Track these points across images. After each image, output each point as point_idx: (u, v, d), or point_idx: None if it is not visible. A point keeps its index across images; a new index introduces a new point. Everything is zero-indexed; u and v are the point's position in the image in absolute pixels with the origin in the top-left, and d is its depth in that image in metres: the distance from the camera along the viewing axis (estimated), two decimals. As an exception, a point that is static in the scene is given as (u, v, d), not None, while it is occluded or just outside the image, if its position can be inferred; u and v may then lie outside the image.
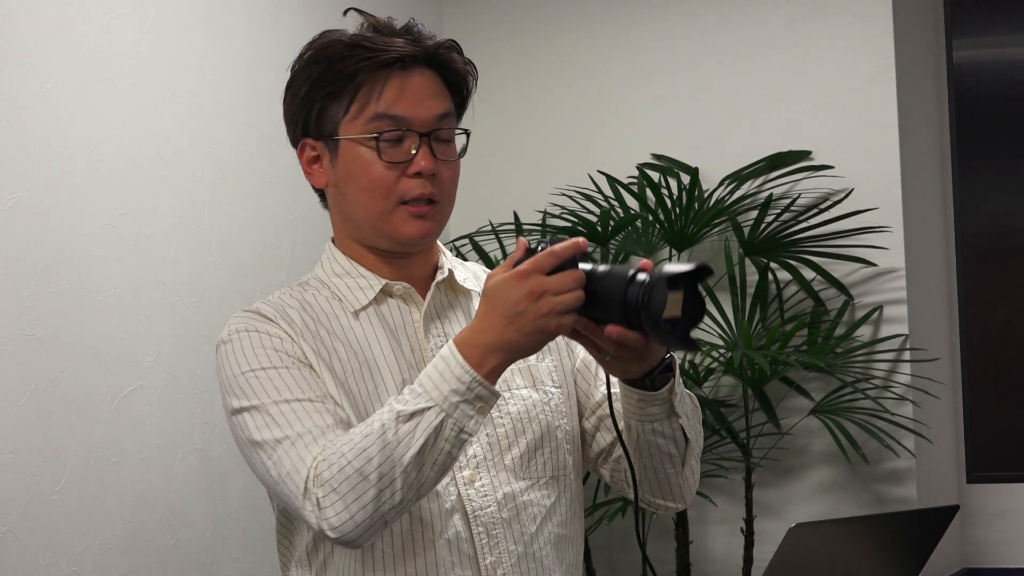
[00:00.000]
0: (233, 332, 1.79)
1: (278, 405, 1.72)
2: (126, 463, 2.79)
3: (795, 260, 3.63)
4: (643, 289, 1.59)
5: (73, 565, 2.64)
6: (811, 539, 2.38)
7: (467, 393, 1.62)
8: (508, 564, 1.78)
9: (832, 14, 3.72)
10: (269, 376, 1.74)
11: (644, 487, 1.83)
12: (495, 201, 3.98)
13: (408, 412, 1.62)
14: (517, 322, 1.60)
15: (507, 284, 1.61)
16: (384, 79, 1.79)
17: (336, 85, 1.79)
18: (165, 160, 2.94)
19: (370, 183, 1.79)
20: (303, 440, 1.69)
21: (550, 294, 1.60)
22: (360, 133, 1.79)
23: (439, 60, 1.84)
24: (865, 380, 3.57)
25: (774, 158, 3.71)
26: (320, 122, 1.82)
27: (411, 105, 1.80)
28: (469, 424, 1.63)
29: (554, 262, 1.61)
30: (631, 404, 1.76)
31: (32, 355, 2.58)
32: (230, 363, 1.77)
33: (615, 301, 1.61)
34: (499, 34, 4.04)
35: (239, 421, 1.75)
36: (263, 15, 3.27)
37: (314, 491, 1.65)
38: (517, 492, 1.80)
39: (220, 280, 3.08)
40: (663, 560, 3.70)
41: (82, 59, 2.74)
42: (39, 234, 2.62)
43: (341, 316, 1.82)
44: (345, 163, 1.81)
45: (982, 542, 3.89)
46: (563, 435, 1.85)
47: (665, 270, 1.60)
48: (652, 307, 1.58)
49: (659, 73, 3.88)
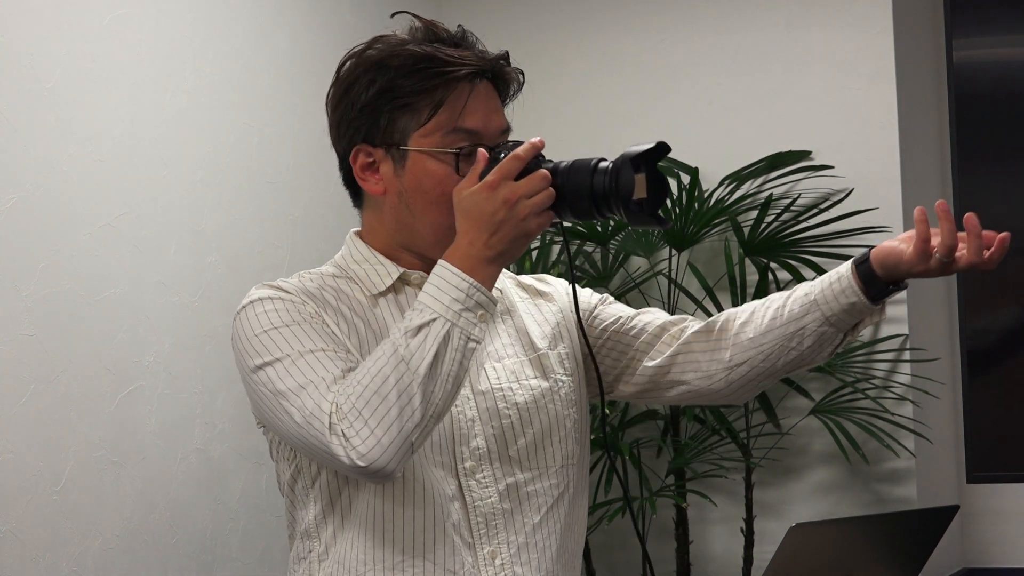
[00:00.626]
0: (254, 299, 1.80)
1: (300, 356, 1.72)
2: (126, 463, 2.79)
3: (795, 260, 3.63)
4: (609, 176, 1.65)
5: (73, 565, 2.64)
6: (811, 539, 2.37)
7: (467, 300, 1.65)
8: (507, 554, 1.79)
9: (832, 14, 3.72)
10: (289, 331, 1.75)
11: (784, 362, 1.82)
12: (495, 201, 3.98)
13: (415, 326, 1.64)
14: (500, 231, 1.65)
15: (480, 196, 1.66)
16: (464, 93, 1.80)
17: (412, 97, 1.79)
18: (165, 160, 2.95)
19: (443, 196, 1.78)
20: (324, 383, 1.69)
21: (524, 198, 1.65)
22: (436, 146, 1.79)
23: (497, 72, 1.86)
24: (865, 380, 3.58)
25: (774, 158, 3.71)
26: (388, 131, 1.81)
27: (483, 119, 1.82)
28: (474, 331, 1.66)
29: (519, 166, 1.67)
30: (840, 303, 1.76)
31: (32, 355, 2.58)
32: (249, 325, 1.78)
33: (583, 193, 1.67)
34: (497, 35, 4.04)
35: (259, 377, 1.75)
36: (263, 15, 3.27)
37: (338, 425, 1.65)
38: (521, 483, 1.81)
39: (220, 280, 3.08)
40: (663, 560, 3.70)
41: (82, 59, 2.74)
42: (39, 234, 2.62)
43: (361, 298, 1.83)
44: (414, 174, 1.80)
45: (982, 542, 3.89)
46: (572, 424, 1.86)
47: (627, 152, 1.65)
48: (621, 190, 1.64)
49: (659, 73, 3.88)
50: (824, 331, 1.79)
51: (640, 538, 1.77)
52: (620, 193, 1.64)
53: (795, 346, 1.81)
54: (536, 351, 1.86)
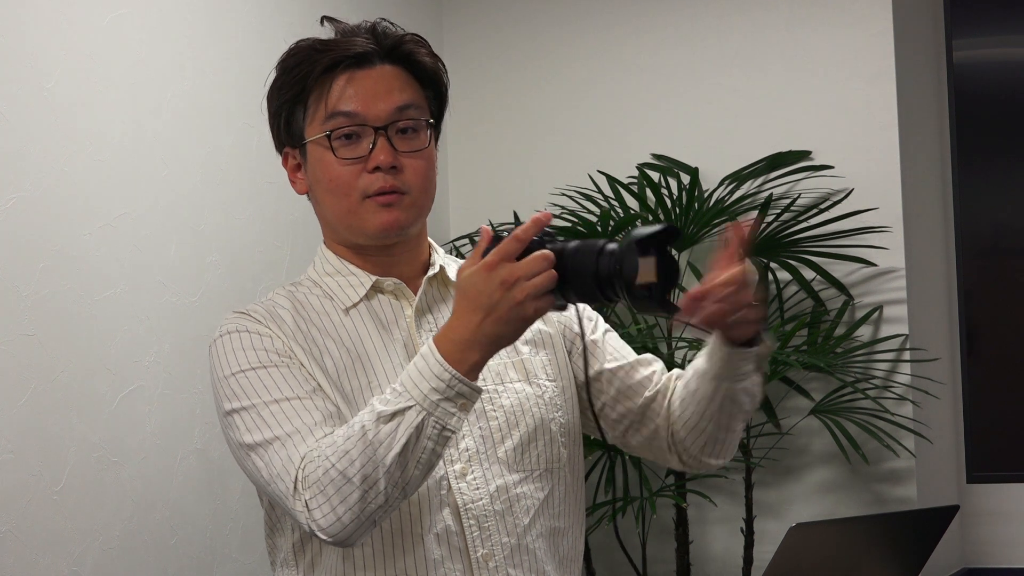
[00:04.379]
0: (224, 333, 1.80)
1: (268, 406, 1.72)
2: (126, 463, 2.79)
3: (795, 260, 3.63)
4: (614, 259, 1.58)
5: (73, 565, 2.64)
6: (811, 539, 2.37)
7: (447, 391, 1.61)
8: (500, 556, 1.78)
9: (832, 14, 3.72)
10: (259, 376, 1.75)
11: (707, 447, 1.85)
12: (495, 201, 3.98)
13: (389, 412, 1.62)
14: (494, 313, 1.60)
15: (478, 277, 1.60)
16: (332, 78, 1.81)
17: (294, 90, 1.82)
18: (165, 160, 2.95)
19: (331, 182, 1.81)
20: (292, 440, 1.69)
21: (523, 280, 1.59)
22: (317, 134, 1.81)
23: (402, 54, 1.83)
24: (865, 380, 3.57)
25: (774, 158, 3.71)
26: (290, 130, 1.85)
27: (364, 100, 1.80)
28: (451, 421, 1.62)
29: (519, 247, 1.60)
30: (727, 364, 1.77)
31: (32, 355, 2.58)
32: (220, 365, 1.78)
33: (587, 275, 1.60)
34: (499, 35, 4.04)
35: (230, 423, 1.76)
36: (264, 15, 3.27)
37: (302, 492, 1.65)
38: (510, 484, 1.80)
39: (220, 280, 3.08)
40: (663, 560, 3.70)
41: (82, 59, 2.74)
42: (39, 234, 2.62)
43: (332, 313, 1.83)
44: (312, 166, 1.84)
45: (982, 542, 3.89)
46: (557, 428, 1.86)
47: (633, 235, 1.59)
48: (625, 274, 1.57)
49: (659, 73, 3.88)
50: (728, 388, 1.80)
51: (619, 539, 1.77)
52: (624, 277, 1.57)
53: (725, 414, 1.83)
54: (519, 354, 1.86)
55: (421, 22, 3.96)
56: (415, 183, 1.82)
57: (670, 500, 3.56)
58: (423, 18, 3.98)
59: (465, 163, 4.06)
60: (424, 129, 1.83)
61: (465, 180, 4.07)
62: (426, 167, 1.83)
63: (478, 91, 4.04)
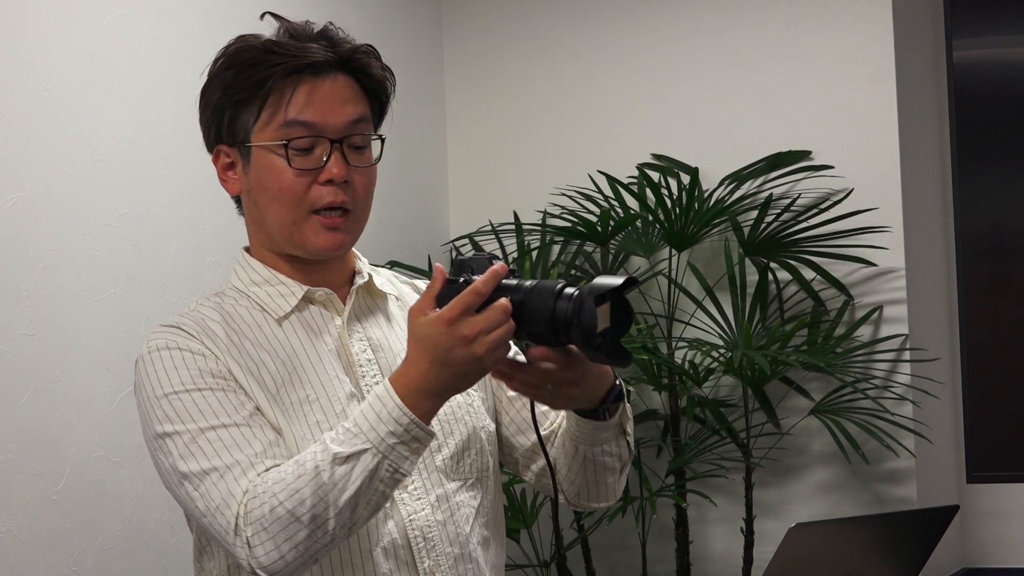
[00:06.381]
0: (153, 349, 1.75)
1: (204, 432, 1.68)
2: (126, 463, 2.79)
3: (795, 260, 3.63)
4: (572, 303, 1.56)
5: (73, 565, 2.64)
6: (811, 539, 2.37)
7: (404, 435, 1.60)
8: (446, 566, 1.77)
9: (832, 14, 3.72)
10: (193, 399, 1.70)
11: (581, 494, 1.87)
12: (495, 201, 3.98)
13: (344, 455, 1.59)
14: (452, 366, 1.58)
15: (436, 331, 1.58)
16: (294, 85, 1.76)
17: (247, 92, 1.77)
18: (165, 160, 2.95)
19: (280, 191, 1.77)
20: (232, 473, 1.65)
21: (483, 334, 1.57)
22: (270, 140, 1.77)
23: (355, 65, 1.80)
24: (865, 380, 3.57)
25: (774, 158, 3.71)
26: (232, 129, 1.80)
27: (322, 111, 1.76)
28: (404, 465, 1.61)
29: (479, 301, 1.57)
30: (583, 432, 1.78)
31: (32, 355, 2.58)
32: (151, 383, 1.73)
33: (543, 317, 1.58)
34: (499, 34, 4.04)
35: (161, 446, 1.71)
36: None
37: (244, 529, 1.62)
38: (450, 493, 1.80)
39: (220, 280, 3.08)
40: (663, 560, 3.71)
41: (82, 59, 2.74)
42: (39, 234, 2.62)
43: (264, 325, 1.80)
44: (257, 171, 1.79)
45: (982, 542, 3.89)
46: (486, 436, 1.86)
47: (595, 285, 1.57)
48: (583, 321, 1.55)
49: (659, 73, 3.88)
50: (587, 451, 1.80)
51: (585, 549, 1.76)
52: (582, 322, 1.55)
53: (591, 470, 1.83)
54: None
55: (421, 22, 3.96)
56: (361, 199, 1.80)
57: (670, 500, 3.56)
58: (423, 18, 3.98)
59: (465, 163, 4.06)
60: (369, 146, 1.81)
61: (465, 180, 4.07)
62: (371, 183, 1.81)
63: (478, 91, 4.04)
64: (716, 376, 3.68)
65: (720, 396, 3.71)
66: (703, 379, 3.59)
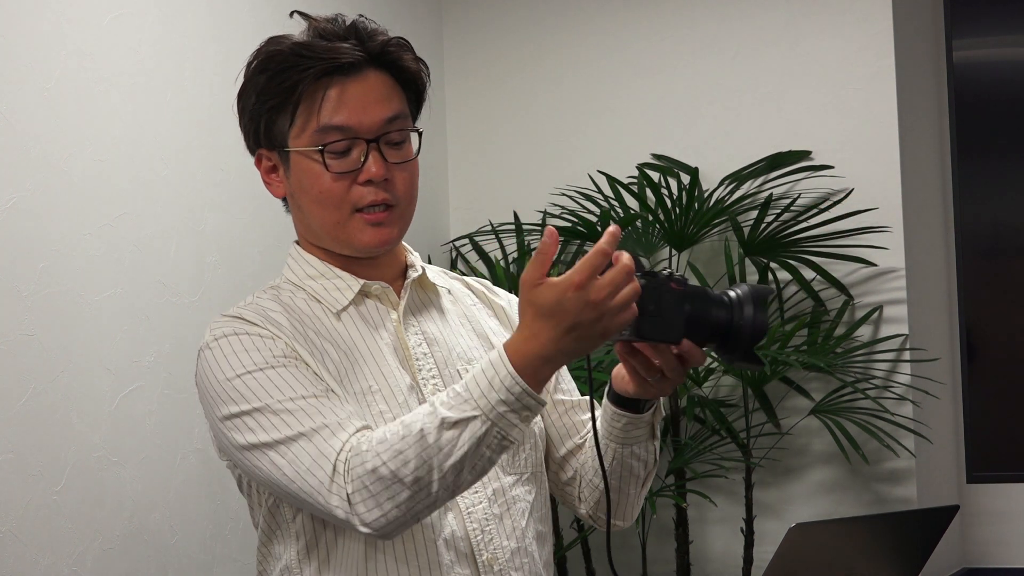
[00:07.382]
0: (220, 336, 1.75)
1: (284, 404, 1.68)
2: (126, 463, 2.79)
3: (795, 260, 3.63)
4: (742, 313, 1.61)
5: (73, 565, 2.64)
6: (811, 539, 2.37)
7: (515, 403, 1.58)
8: (503, 559, 1.78)
9: (832, 14, 3.72)
10: (268, 376, 1.70)
11: (600, 504, 1.87)
12: (495, 201, 3.98)
13: (453, 419, 1.58)
14: (579, 331, 1.54)
15: (564, 297, 1.53)
16: (325, 88, 1.75)
17: (279, 97, 1.76)
18: (165, 160, 2.95)
19: (320, 195, 1.77)
20: (320, 435, 1.65)
21: (609, 297, 1.54)
22: (306, 146, 1.76)
23: (387, 60, 1.79)
24: (865, 380, 3.57)
25: (774, 158, 3.72)
26: (270, 134, 1.79)
27: (355, 112, 1.75)
28: (512, 432, 1.59)
29: (606, 261, 1.55)
30: (616, 427, 1.79)
31: (32, 355, 2.58)
32: (220, 367, 1.73)
33: (706, 320, 1.61)
34: (499, 33, 4.04)
35: (235, 425, 1.70)
36: (264, 15, 3.27)
37: (344, 486, 1.62)
38: (506, 487, 1.80)
39: (220, 280, 3.08)
40: (663, 560, 3.70)
41: (82, 59, 2.74)
42: (39, 234, 2.62)
43: (324, 318, 1.80)
44: (297, 175, 1.79)
45: (982, 542, 3.89)
46: (539, 432, 1.86)
47: (758, 290, 1.62)
48: (756, 329, 1.61)
49: (659, 73, 3.88)
50: (617, 450, 1.82)
51: (611, 561, 1.76)
52: (756, 331, 1.61)
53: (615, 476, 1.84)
54: None
55: (421, 22, 3.96)
56: (404, 194, 1.80)
57: (670, 500, 3.56)
58: (423, 18, 3.98)
59: (465, 163, 4.06)
60: (408, 140, 1.81)
61: (465, 180, 4.07)
62: (413, 178, 1.81)
63: (478, 91, 4.04)
64: (716, 376, 3.68)
65: (720, 396, 3.71)
66: (703, 379, 3.59)
